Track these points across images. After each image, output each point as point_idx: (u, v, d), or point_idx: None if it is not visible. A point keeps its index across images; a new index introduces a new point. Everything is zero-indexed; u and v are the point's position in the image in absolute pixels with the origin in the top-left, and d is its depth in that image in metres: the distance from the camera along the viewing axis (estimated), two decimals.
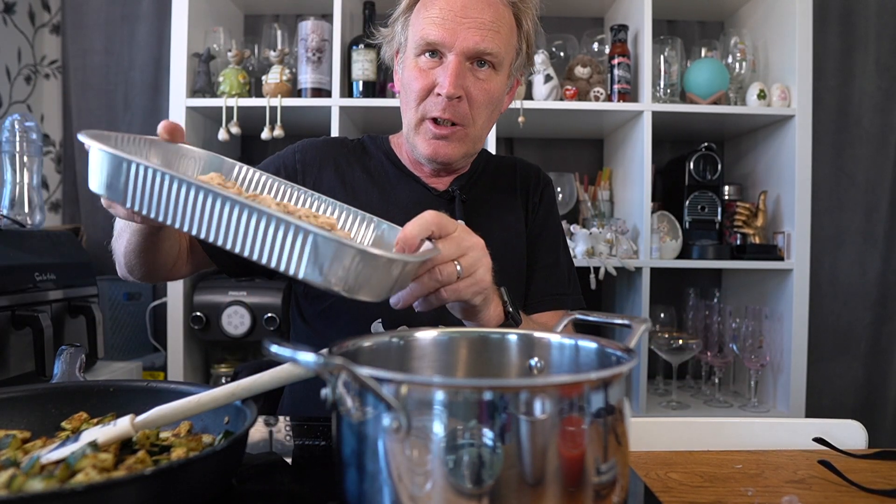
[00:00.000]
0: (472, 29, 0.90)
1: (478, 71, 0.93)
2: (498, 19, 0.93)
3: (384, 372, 0.40)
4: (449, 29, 0.90)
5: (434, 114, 0.93)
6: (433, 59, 0.93)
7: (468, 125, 0.95)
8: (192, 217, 0.55)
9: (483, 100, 0.94)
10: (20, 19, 2.07)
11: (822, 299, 2.13)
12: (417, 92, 0.94)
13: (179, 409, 0.56)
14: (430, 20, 0.92)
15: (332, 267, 0.52)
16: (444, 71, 0.91)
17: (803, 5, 1.79)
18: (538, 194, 1.13)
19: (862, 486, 0.64)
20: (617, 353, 0.54)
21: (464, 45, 0.91)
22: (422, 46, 0.93)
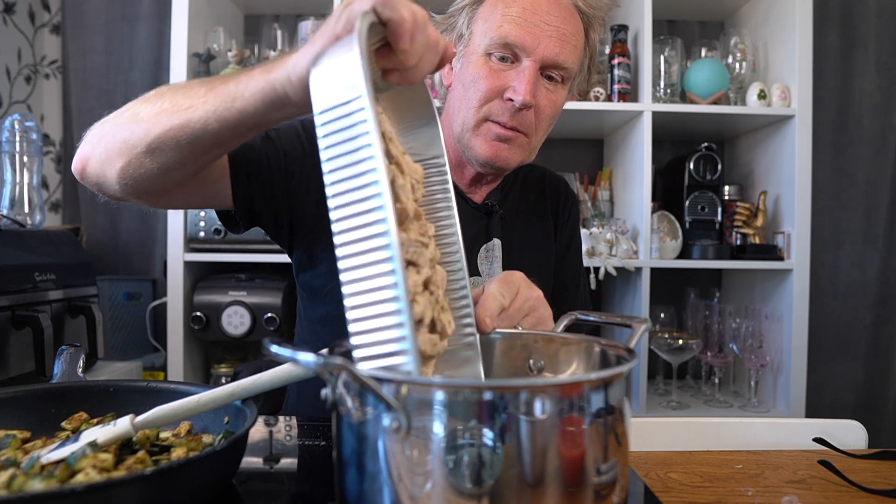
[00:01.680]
0: (554, 38, 0.87)
1: (547, 82, 0.90)
2: (577, 32, 0.90)
3: (384, 372, 0.40)
4: (531, 33, 0.86)
5: (500, 119, 0.88)
6: (505, 62, 0.88)
7: (531, 135, 0.91)
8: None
9: (549, 112, 0.91)
10: (20, 19, 2.07)
11: (822, 299, 2.13)
12: (485, 93, 0.88)
13: (179, 409, 0.56)
14: (511, 18, 0.87)
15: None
16: (520, 77, 0.86)
17: (803, 5, 1.80)
18: (567, 212, 1.11)
19: (862, 486, 0.64)
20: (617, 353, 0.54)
21: (544, 54, 0.86)
22: (498, 45, 0.88)
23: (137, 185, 0.70)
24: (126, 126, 0.68)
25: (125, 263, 2.13)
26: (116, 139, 0.68)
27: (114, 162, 0.69)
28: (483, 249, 0.98)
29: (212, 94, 0.61)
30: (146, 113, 0.66)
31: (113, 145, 0.68)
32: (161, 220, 2.06)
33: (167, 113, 0.64)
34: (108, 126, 0.71)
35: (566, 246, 1.11)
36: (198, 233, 1.75)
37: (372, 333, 0.42)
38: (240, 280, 1.77)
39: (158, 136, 0.64)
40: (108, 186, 0.72)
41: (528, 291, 0.71)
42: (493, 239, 0.98)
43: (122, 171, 0.68)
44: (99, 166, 0.71)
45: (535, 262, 1.02)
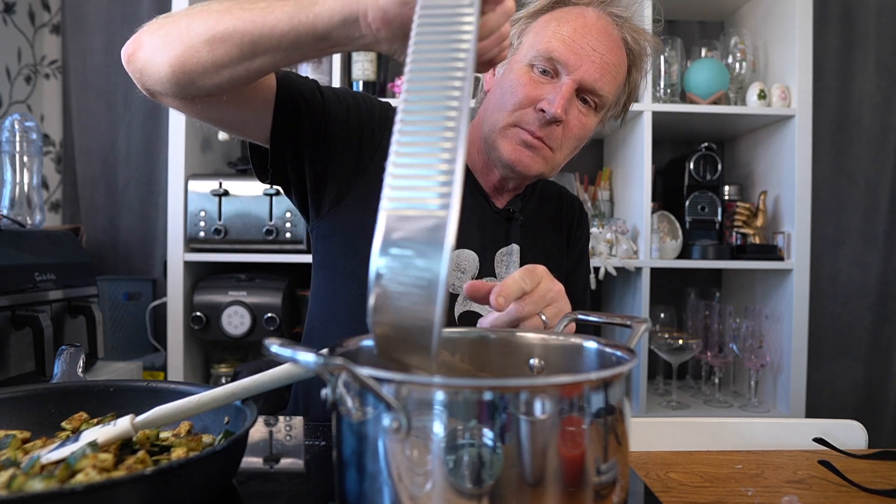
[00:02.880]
0: (597, 63, 0.90)
1: (581, 105, 0.92)
2: (619, 65, 0.93)
3: (384, 372, 0.40)
4: (576, 53, 0.89)
5: (529, 127, 0.91)
6: (545, 75, 0.91)
7: (556, 150, 0.93)
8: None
9: (577, 132, 0.93)
10: (20, 19, 2.07)
11: (822, 299, 2.13)
12: (521, 100, 0.91)
13: (179, 409, 0.56)
14: (560, 37, 0.90)
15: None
16: (556, 91, 0.89)
17: (803, 5, 1.80)
18: (580, 229, 1.14)
19: (862, 486, 0.64)
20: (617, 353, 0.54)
21: (583, 75, 0.89)
22: (542, 58, 0.91)
23: (185, 76, 0.70)
24: (194, 15, 0.69)
25: (125, 263, 2.13)
26: (180, 25, 0.70)
27: (170, 48, 0.70)
28: (500, 253, 0.99)
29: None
30: (217, 6, 0.68)
31: (173, 32, 0.70)
32: (161, 220, 2.06)
33: (240, 8, 0.66)
34: (171, 17, 0.73)
35: (576, 262, 1.13)
36: (198, 233, 1.75)
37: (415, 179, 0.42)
38: (240, 280, 1.77)
39: (226, 28, 0.66)
40: (153, 74, 0.72)
41: (550, 283, 0.72)
42: (511, 244, 1.00)
43: (175, 58, 0.69)
44: (151, 51, 0.72)
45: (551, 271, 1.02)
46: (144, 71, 0.74)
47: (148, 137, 2.13)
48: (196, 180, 1.77)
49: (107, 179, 2.15)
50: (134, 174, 2.14)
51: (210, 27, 0.67)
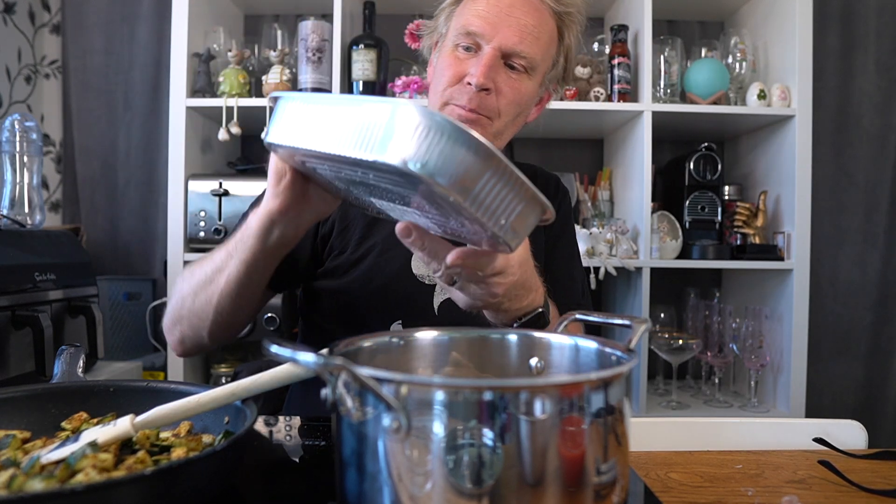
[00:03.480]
0: (514, 28, 0.91)
1: (510, 71, 0.94)
2: (540, 25, 0.93)
3: (384, 372, 0.40)
4: (491, 23, 0.91)
5: (460, 102, 0.92)
6: (469, 52, 0.93)
7: (493, 118, 0.94)
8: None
9: (512, 97, 0.94)
10: (20, 19, 2.07)
11: (822, 299, 2.13)
12: (448, 79, 0.94)
13: (179, 409, 0.56)
14: (476, 12, 0.93)
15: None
16: (478, 61, 0.91)
17: (803, 5, 1.80)
18: (556, 204, 1.11)
19: (862, 486, 0.64)
20: (617, 353, 0.54)
21: (501, 41, 0.91)
22: (461, 36, 0.93)
23: (226, 331, 0.90)
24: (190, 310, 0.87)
25: (125, 263, 2.13)
26: (193, 321, 0.88)
27: (201, 333, 0.89)
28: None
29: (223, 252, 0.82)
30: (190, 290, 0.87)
31: (190, 326, 0.89)
32: (161, 220, 2.06)
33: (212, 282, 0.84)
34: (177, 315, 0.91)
35: (556, 238, 1.12)
36: (198, 233, 1.75)
37: None
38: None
39: (219, 301, 0.83)
40: (206, 345, 0.93)
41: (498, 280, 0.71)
42: None
43: (210, 335, 0.89)
44: (194, 343, 0.92)
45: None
46: (199, 349, 0.94)
47: (148, 137, 2.13)
48: (196, 180, 1.77)
49: (107, 179, 2.15)
50: (134, 174, 2.14)
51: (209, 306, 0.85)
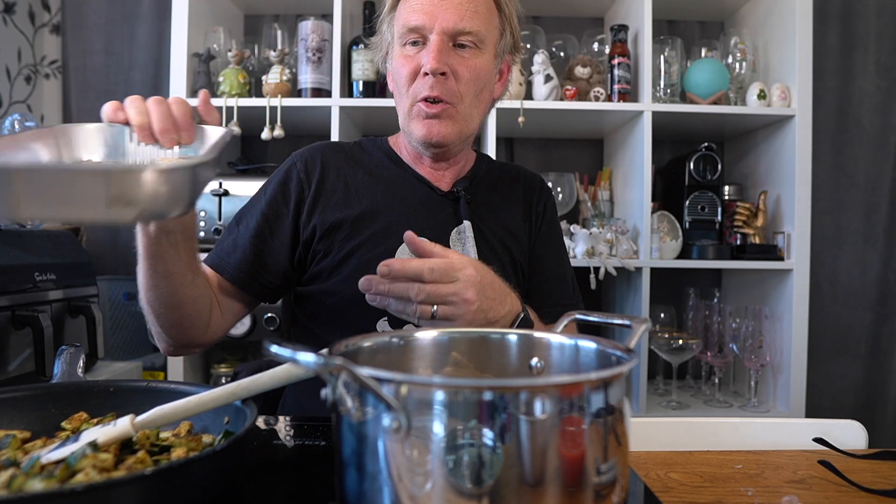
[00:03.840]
0: (450, 10, 0.94)
1: (461, 51, 0.96)
2: (474, 0, 0.96)
3: (384, 372, 0.40)
4: (428, 13, 0.94)
5: (424, 93, 0.95)
6: (417, 46, 0.97)
7: (457, 102, 0.97)
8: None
9: (469, 76, 0.96)
10: (20, 19, 2.07)
11: (822, 299, 2.13)
12: (406, 77, 0.97)
13: (179, 409, 0.56)
14: (411, 9, 0.96)
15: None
16: (428, 51, 0.94)
17: (803, 5, 1.80)
18: (542, 204, 1.15)
19: (862, 486, 0.64)
20: (617, 353, 0.54)
21: (443, 25, 0.94)
22: (405, 35, 0.96)
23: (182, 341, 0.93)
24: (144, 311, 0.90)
25: (125, 263, 2.13)
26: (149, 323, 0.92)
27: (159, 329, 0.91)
28: (455, 232, 1.03)
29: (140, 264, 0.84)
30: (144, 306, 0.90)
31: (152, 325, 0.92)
32: None
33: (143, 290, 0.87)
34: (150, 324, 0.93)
35: (546, 238, 1.14)
36: (198, 233, 1.75)
37: None
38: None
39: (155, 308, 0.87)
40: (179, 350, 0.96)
41: (458, 287, 0.77)
42: (463, 222, 1.03)
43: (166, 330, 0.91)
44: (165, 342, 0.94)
45: (503, 248, 1.07)
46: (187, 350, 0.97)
47: None
48: None
49: None
50: None
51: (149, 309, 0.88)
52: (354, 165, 1.06)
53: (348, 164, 1.06)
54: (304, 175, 1.03)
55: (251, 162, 2.02)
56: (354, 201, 1.01)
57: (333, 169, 1.04)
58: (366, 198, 1.02)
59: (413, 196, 1.04)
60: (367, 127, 2.09)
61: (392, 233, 0.99)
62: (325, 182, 1.03)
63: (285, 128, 1.78)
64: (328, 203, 1.01)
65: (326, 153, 1.06)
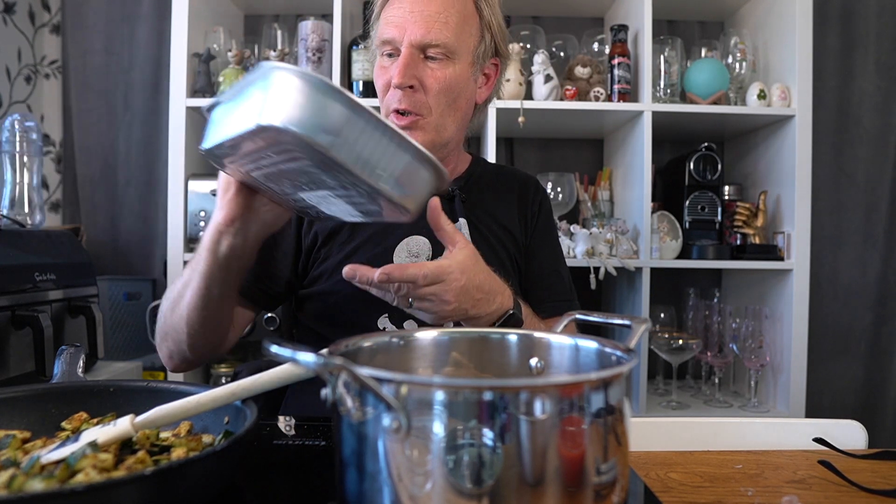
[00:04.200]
0: (419, 22, 0.94)
1: (430, 62, 0.96)
2: (446, 10, 0.95)
3: (384, 372, 0.40)
4: (398, 25, 0.95)
5: (394, 106, 0.96)
6: (392, 58, 0.98)
7: (426, 114, 0.97)
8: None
9: (437, 87, 0.96)
10: (20, 19, 2.07)
11: (822, 299, 2.13)
12: (381, 88, 0.99)
13: (179, 409, 0.56)
14: (387, 20, 0.97)
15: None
16: (395, 63, 0.96)
17: (803, 5, 1.79)
18: (537, 204, 1.16)
19: (862, 486, 0.64)
20: (617, 353, 0.54)
21: (410, 38, 0.94)
22: (380, 46, 0.98)
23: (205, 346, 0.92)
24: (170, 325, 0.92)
25: (125, 263, 2.13)
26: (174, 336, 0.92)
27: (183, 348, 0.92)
28: None
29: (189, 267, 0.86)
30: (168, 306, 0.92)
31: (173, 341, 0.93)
32: (161, 220, 2.06)
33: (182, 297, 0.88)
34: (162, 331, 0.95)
35: (541, 237, 1.15)
36: (198, 233, 1.75)
37: None
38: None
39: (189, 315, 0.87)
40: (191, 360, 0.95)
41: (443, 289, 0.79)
42: (459, 219, 1.04)
43: (191, 350, 0.92)
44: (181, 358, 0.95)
45: (498, 246, 1.08)
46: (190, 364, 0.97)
47: (148, 137, 2.13)
48: (196, 180, 1.77)
49: (107, 179, 2.15)
50: (134, 174, 2.14)
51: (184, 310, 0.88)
52: None
53: None
54: None
55: None
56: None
57: None
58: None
59: None
60: None
61: (390, 233, 1.00)
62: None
63: None
64: None
65: None
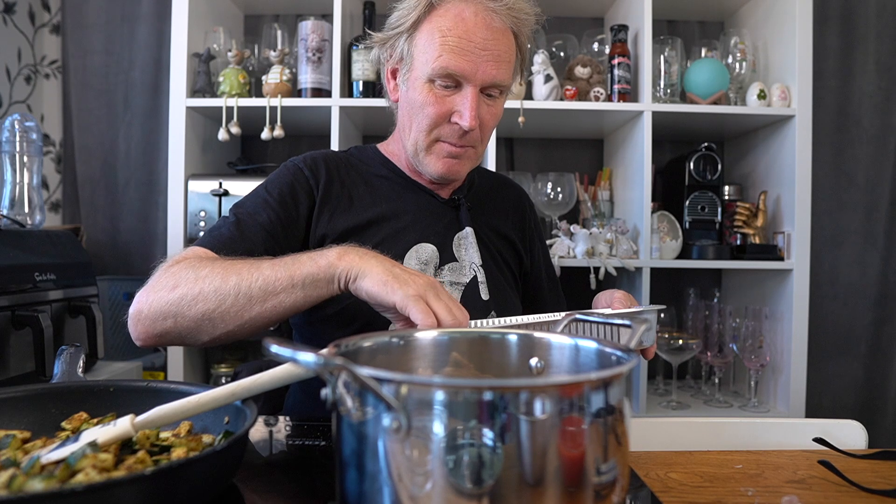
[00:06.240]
0: (491, 62, 0.93)
1: (488, 100, 0.97)
2: (509, 49, 0.95)
3: (384, 372, 0.40)
4: (470, 61, 0.92)
5: (450, 140, 0.97)
6: (448, 88, 0.94)
7: (477, 146, 1.00)
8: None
9: (492, 123, 1.00)
10: (20, 19, 2.07)
11: (822, 299, 2.13)
12: (433, 118, 0.95)
13: (179, 409, 0.56)
14: (449, 48, 0.92)
15: None
16: (464, 104, 0.93)
17: (803, 5, 1.79)
18: (532, 218, 1.21)
19: (862, 486, 0.64)
20: (617, 353, 0.54)
21: (483, 78, 0.93)
22: (440, 75, 0.93)
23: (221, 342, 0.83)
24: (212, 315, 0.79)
25: (125, 263, 2.13)
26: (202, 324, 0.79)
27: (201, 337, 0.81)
28: (456, 238, 1.05)
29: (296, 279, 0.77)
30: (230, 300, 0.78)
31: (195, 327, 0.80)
32: (161, 220, 2.06)
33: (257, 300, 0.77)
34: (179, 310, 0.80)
35: (539, 251, 1.21)
36: (198, 233, 1.75)
37: None
38: None
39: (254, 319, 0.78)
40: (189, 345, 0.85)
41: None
42: (465, 227, 1.06)
43: (212, 340, 0.81)
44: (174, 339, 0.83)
45: (500, 251, 1.11)
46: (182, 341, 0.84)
47: (148, 137, 2.13)
48: (196, 180, 1.77)
49: (107, 179, 2.15)
50: (134, 174, 2.14)
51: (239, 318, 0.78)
52: (354, 174, 1.06)
53: (348, 172, 1.06)
54: (314, 181, 1.02)
55: (251, 162, 2.02)
56: (360, 209, 1.02)
57: (337, 177, 1.04)
58: (371, 205, 1.03)
59: (416, 204, 1.05)
60: (367, 127, 2.09)
61: (399, 238, 1.00)
62: (331, 189, 1.02)
63: (285, 128, 1.78)
64: (335, 211, 1.01)
65: (328, 161, 1.06)
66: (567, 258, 1.80)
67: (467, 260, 1.03)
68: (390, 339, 0.60)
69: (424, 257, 1.01)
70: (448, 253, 1.03)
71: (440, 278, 1.01)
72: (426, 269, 1.00)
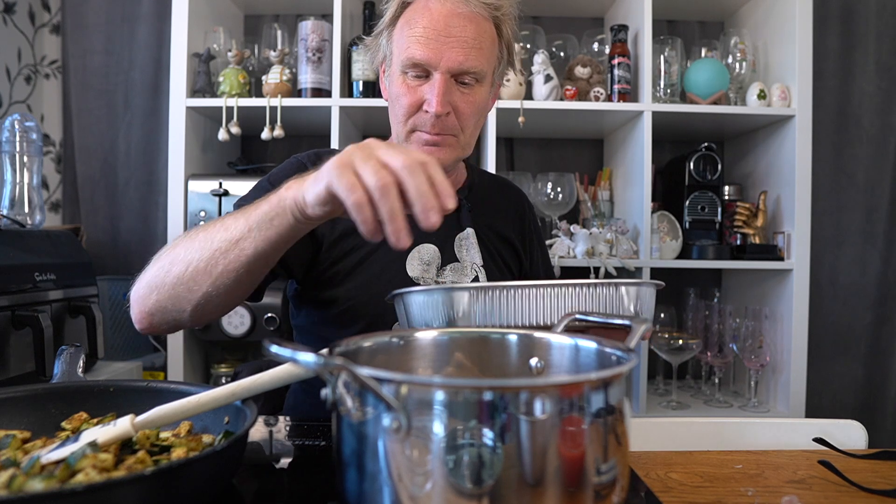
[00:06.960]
0: (456, 48, 0.93)
1: (462, 87, 0.96)
2: (480, 35, 0.95)
3: (384, 372, 0.40)
4: (433, 49, 0.92)
5: (424, 128, 0.96)
6: (419, 78, 0.95)
7: (457, 135, 0.99)
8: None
9: (470, 112, 0.98)
10: (20, 19, 2.07)
11: (822, 299, 2.13)
12: (406, 108, 0.96)
13: (179, 409, 0.56)
14: (415, 39, 0.94)
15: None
16: (432, 89, 0.94)
17: (803, 5, 1.79)
18: (531, 220, 1.22)
19: (862, 486, 0.64)
20: (617, 352, 0.54)
21: (448, 65, 0.93)
22: (408, 65, 0.95)
23: (208, 314, 0.81)
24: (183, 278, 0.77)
25: (125, 263, 2.13)
26: (180, 290, 0.78)
27: (183, 306, 0.79)
28: (457, 238, 1.06)
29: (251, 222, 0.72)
30: (196, 257, 0.76)
31: (174, 295, 0.78)
32: (161, 220, 2.06)
33: (220, 252, 0.75)
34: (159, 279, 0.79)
35: (539, 254, 1.21)
36: None
37: None
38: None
39: (224, 271, 0.75)
40: (182, 323, 0.83)
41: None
42: (466, 228, 1.07)
43: (194, 310, 0.79)
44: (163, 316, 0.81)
45: (502, 252, 1.12)
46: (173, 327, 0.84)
47: (148, 137, 2.13)
48: (196, 180, 1.77)
49: (107, 179, 2.15)
50: (134, 174, 2.14)
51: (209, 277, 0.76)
52: None
53: None
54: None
55: (251, 162, 2.02)
56: None
57: None
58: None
59: None
60: (367, 127, 2.09)
61: None
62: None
63: (285, 128, 1.78)
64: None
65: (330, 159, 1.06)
66: (567, 258, 1.80)
67: (469, 260, 1.04)
68: (390, 339, 0.60)
69: (426, 258, 1.02)
70: (449, 253, 1.04)
71: (442, 279, 1.01)
72: (428, 270, 1.01)
